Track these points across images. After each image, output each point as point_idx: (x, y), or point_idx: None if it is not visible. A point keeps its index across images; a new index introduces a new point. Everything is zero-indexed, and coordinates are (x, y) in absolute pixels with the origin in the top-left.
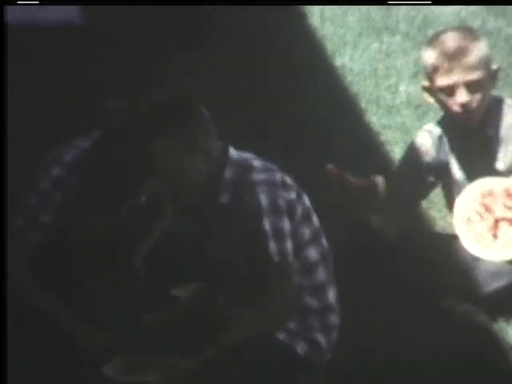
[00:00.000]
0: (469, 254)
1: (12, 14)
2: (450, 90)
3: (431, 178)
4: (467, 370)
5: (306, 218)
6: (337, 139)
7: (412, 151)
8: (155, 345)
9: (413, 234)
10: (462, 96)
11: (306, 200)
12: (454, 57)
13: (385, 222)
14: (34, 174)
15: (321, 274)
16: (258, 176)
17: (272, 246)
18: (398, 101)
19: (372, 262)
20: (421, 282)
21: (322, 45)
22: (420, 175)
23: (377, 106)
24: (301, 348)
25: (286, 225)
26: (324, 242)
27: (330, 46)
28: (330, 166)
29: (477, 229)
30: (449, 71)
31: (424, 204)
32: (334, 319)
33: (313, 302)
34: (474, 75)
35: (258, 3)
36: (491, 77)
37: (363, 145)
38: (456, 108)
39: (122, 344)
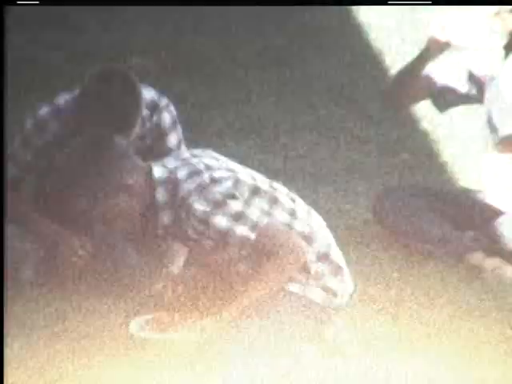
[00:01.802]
0: (495, 208)
1: None
2: None
3: None
4: (497, 326)
5: (253, 194)
6: (363, 96)
7: None
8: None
9: (438, 188)
10: None
11: (251, 179)
12: None
13: None
14: None
15: (298, 228)
16: (186, 187)
17: (240, 230)
18: None
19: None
20: (447, 238)
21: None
22: None
23: (403, 61)
24: (318, 295)
25: (238, 205)
26: (287, 202)
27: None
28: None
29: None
30: None
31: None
32: (336, 258)
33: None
34: None
35: (256, 3)
36: None
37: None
38: None
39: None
